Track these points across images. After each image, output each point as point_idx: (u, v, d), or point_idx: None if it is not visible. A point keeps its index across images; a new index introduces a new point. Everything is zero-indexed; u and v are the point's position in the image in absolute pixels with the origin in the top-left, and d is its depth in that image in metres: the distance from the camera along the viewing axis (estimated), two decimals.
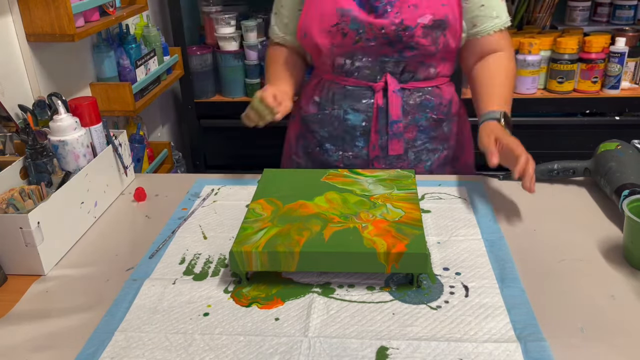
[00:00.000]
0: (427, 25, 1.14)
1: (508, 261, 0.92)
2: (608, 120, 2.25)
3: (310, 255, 0.86)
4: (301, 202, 0.99)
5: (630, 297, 0.84)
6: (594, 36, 2.19)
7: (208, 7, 2.29)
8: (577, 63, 2.19)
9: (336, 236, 0.88)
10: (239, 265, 0.87)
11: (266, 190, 1.03)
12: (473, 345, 0.75)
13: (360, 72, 1.22)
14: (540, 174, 1.18)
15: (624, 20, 2.39)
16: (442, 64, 1.24)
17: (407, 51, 1.18)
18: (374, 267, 0.85)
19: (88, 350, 0.77)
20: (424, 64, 1.21)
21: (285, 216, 0.94)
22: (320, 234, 0.89)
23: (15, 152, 1.13)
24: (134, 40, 1.75)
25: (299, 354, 0.74)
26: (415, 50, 1.18)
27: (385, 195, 1.01)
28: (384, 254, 0.84)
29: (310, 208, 0.97)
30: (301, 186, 1.05)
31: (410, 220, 0.92)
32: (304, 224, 0.92)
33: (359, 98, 1.24)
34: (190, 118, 2.33)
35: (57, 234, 0.97)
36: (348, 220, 0.93)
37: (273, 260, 0.86)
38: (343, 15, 1.16)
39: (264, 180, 1.08)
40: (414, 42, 1.16)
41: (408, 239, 0.87)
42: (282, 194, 1.02)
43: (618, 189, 1.02)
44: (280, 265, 0.87)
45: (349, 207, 0.97)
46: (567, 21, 2.48)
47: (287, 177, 1.10)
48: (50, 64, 1.44)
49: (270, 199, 1.00)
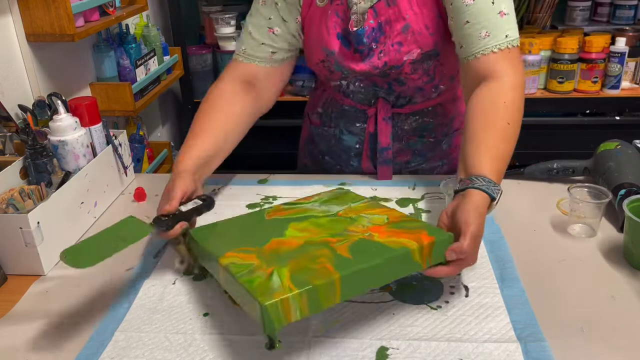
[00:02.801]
0: (416, 60, 1.06)
1: (508, 261, 0.92)
2: (608, 120, 2.25)
3: (351, 277, 0.71)
4: (275, 239, 0.82)
5: (630, 297, 0.83)
6: (594, 36, 2.19)
7: (208, 7, 2.29)
8: (577, 63, 2.19)
9: (355, 251, 0.76)
10: (274, 322, 0.65)
11: (219, 245, 0.83)
12: (473, 346, 0.74)
13: (355, 96, 1.19)
14: (540, 173, 1.18)
15: (624, 20, 2.39)
16: (443, 85, 1.15)
17: (396, 85, 1.12)
18: (411, 267, 0.77)
19: (88, 350, 0.76)
20: (423, 90, 1.14)
21: (278, 255, 0.77)
22: (338, 255, 0.75)
23: (15, 152, 1.13)
24: (134, 40, 1.75)
25: (299, 354, 0.74)
26: (404, 85, 1.12)
27: (348, 208, 0.91)
28: (417, 249, 0.76)
29: (293, 241, 0.81)
30: (253, 230, 0.89)
31: (401, 219, 0.87)
32: (309, 254, 0.76)
33: (354, 120, 1.21)
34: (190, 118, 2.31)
35: (57, 234, 0.97)
36: (345, 236, 0.81)
37: (313, 299, 0.68)
38: (328, 54, 1.09)
39: (202, 239, 0.86)
40: (402, 78, 1.10)
41: (423, 230, 0.80)
42: (243, 242, 0.82)
43: (615, 188, 1.02)
44: (321, 303, 0.69)
45: (330, 227, 0.85)
46: (567, 21, 2.48)
47: (226, 228, 0.91)
48: (50, 64, 1.44)
49: (238, 249, 0.79)
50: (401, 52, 1.05)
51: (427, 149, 1.23)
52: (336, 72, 1.12)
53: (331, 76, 1.15)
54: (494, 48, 0.95)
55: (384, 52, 1.06)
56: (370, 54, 1.07)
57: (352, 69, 1.09)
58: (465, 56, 0.99)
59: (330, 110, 1.25)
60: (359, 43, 1.06)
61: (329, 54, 1.09)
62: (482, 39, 0.96)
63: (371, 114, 1.18)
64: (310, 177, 1.25)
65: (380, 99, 1.16)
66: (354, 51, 1.08)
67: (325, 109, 1.26)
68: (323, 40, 1.08)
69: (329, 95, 1.24)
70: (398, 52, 1.05)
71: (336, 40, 1.08)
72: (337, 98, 1.22)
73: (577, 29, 2.36)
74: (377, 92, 1.16)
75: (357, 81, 1.15)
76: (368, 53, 1.07)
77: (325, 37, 1.08)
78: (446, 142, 1.24)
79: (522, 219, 1.05)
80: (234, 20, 2.19)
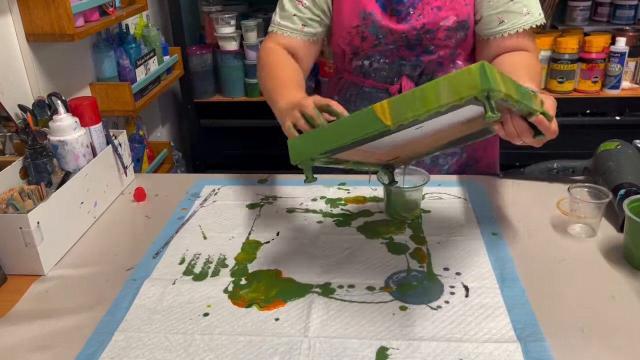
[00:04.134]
0: (451, 28, 1.11)
1: (508, 261, 0.92)
2: (608, 120, 2.24)
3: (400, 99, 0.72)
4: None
5: (630, 297, 0.83)
6: (594, 36, 2.19)
7: (208, 7, 2.29)
8: (577, 63, 2.19)
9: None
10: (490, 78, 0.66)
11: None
12: (473, 346, 0.74)
13: (378, 74, 1.20)
14: (540, 173, 1.18)
15: (624, 20, 2.39)
16: (460, 62, 1.19)
17: (425, 55, 1.15)
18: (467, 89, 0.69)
19: (88, 350, 0.76)
20: (443, 65, 1.18)
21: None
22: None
23: (15, 152, 1.13)
24: (133, 40, 1.75)
25: (299, 354, 0.74)
26: (433, 55, 1.15)
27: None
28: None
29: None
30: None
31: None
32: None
33: (375, 100, 1.21)
34: (190, 118, 2.33)
35: (57, 234, 0.97)
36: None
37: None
38: (364, 18, 1.12)
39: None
40: (433, 46, 1.13)
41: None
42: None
43: (615, 188, 1.02)
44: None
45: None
46: (567, 21, 2.47)
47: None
48: (50, 64, 1.43)
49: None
50: (439, 17, 1.10)
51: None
52: (369, 38, 1.14)
53: (362, 45, 1.15)
54: (532, 24, 1.09)
55: (423, 14, 1.10)
56: (408, 18, 1.11)
57: (389, 28, 1.12)
58: (502, 31, 1.09)
59: (348, 94, 1.26)
60: (398, 3, 1.10)
61: (366, 16, 1.12)
62: (523, 15, 1.08)
63: (394, 91, 1.20)
64: None
65: (403, 77, 1.18)
66: (391, 13, 1.12)
67: (343, 95, 1.27)
68: (361, 3, 1.12)
69: (347, 80, 1.26)
70: (437, 16, 1.09)
71: (374, 3, 1.12)
72: (357, 81, 1.24)
73: (577, 29, 2.36)
74: (403, 67, 1.18)
75: (382, 57, 1.17)
76: (405, 17, 1.11)
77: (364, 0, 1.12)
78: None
79: (522, 219, 1.05)
80: (234, 20, 2.19)
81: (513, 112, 0.81)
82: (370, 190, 1.18)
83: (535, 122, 0.81)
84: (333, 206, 1.12)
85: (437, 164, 1.26)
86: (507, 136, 0.84)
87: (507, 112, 0.82)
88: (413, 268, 0.91)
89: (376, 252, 0.96)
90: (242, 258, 0.96)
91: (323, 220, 1.07)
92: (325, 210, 1.11)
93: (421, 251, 0.96)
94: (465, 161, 1.27)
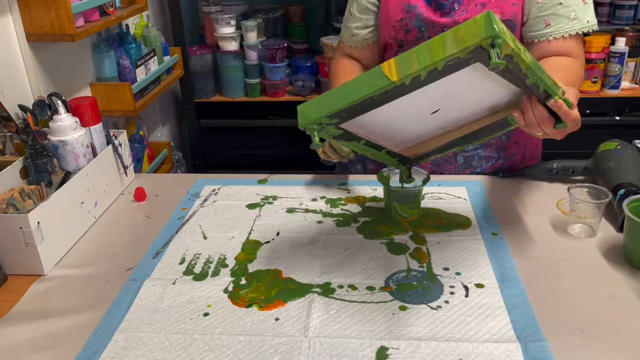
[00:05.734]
0: None
1: (508, 261, 0.92)
2: (608, 120, 2.24)
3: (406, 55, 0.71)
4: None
5: (630, 297, 0.84)
6: (594, 36, 2.19)
7: (208, 7, 2.29)
8: None
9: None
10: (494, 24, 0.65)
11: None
12: (473, 345, 0.74)
13: None
14: (540, 173, 1.18)
15: (624, 20, 2.39)
16: None
17: None
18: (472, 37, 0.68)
19: (88, 350, 0.77)
20: None
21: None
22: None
23: (15, 152, 1.13)
24: (134, 40, 1.75)
25: (299, 354, 0.74)
26: None
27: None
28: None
29: None
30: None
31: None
32: None
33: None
34: (190, 118, 2.33)
35: (57, 234, 0.97)
36: None
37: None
38: (409, 11, 1.14)
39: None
40: None
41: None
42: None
43: (615, 188, 1.02)
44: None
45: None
46: None
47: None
48: (50, 64, 1.43)
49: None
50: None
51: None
52: (412, 31, 1.15)
53: (405, 38, 1.16)
54: (578, 31, 1.09)
55: (467, 10, 1.11)
56: (452, 13, 1.12)
57: (432, 20, 1.12)
58: (547, 34, 1.09)
59: None
60: None
61: (410, 10, 1.13)
62: (570, 20, 1.08)
63: None
64: (311, 177, 1.25)
65: None
66: (436, 7, 1.13)
67: None
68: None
69: None
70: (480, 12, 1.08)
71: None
72: None
73: None
74: None
75: None
76: (450, 11, 1.12)
77: None
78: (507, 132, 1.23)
79: (522, 219, 1.05)
80: (234, 20, 2.19)
81: (533, 97, 0.80)
82: (370, 190, 1.18)
83: (554, 106, 0.79)
84: (333, 206, 1.12)
85: (471, 165, 1.24)
86: (528, 126, 0.83)
87: (526, 98, 0.81)
88: (413, 268, 0.91)
89: (376, 252, 0.96)
90: (242, 258, 0.96)
91: (323, 220, 1.07)
92: (325, 210, 1.11)
93: (421, 251, 0.96)
94: (501, 166, 1.25)
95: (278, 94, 2.29)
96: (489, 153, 1.23)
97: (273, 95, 2.29)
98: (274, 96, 2.29)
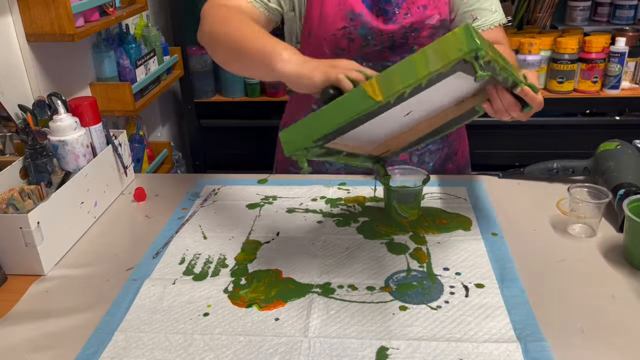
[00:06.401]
0: (435, 26, 1.12)
1: (508, 261, 0.92)
2: (608, 120, 2.25)
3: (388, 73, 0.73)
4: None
5: (630, 297, 0.83)
6: (594, 36, 2.19)
7: None
8: (577, 63, 2.19)
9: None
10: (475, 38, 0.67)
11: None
12: (473, 345, 0.74)
13: None
14: (540, 173, 1.18)
15: (624, 20, 2.39)
16: None
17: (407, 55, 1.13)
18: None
19: (88, 350, 0.76)
20: None
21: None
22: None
23: (15, 152, 1.13)
24: (133, 40, 1.75)
25: (299, 354, 0.74)
26: None
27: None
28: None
29: None
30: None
31: None
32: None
33: None
34: (190, 118, 2.33)
35: (57, 234, 0.97)
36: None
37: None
38: (352, 19, 1.09)
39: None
40: (417, 46, 1.13)
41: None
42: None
43: (615, 188, 1.02)
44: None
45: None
46: (567, 21, 2.48)
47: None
48: (50, 64, 1.43)
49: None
50: (425, 15, 1.11)
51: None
52: (357, 40, 1.12)
53: (348, 47, 1.13)
54: (500, 23, 1.15)
55: (410, 13, 1.11)
56: (394, 18, 1.11)
57: (379, 29, 1.11)
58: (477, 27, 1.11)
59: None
60: (386, 2, 1.11)
61: (354, 17, 1.10)
62: (492, 13, 1.14)
63: None
64: (310, 177, 1.25)
65: None
66: (378, 13, 1.12)
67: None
68: (347, 3, 1.10)
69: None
70: (423, 14, 1.11)
71: (361, 3, 1.11)
72: None
73: (577, 29, 2.36)
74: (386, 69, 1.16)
75: (364, 61, 1.14)
76: (392, 17, 1.11)
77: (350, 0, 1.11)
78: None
79: (522, 219, 1.05)
80: None
81: (499, 86, 0.83)
82: (370, 190, 1.18)
83: (521, 93, 0.82)
84: (333, 206, 1.12)
85: (424, 162, 1.27)
86: (496, 113, 0.86)
87: (492, 88, 0.84)
88: (413, 268, 0.91)
89: (376, 252, 0.96)
90: (242, 258, 0.96)
91: (323, 220, 1.07)
92: (325, 210, 1.11)
93: (421, 251, 0.96)
94: (446, 155, 1.29)
95: (278, 94, 2.29)
96: (436, 146, 1.27)
97: (273, 95, 2.29)
98: (274, 96, 2.29)
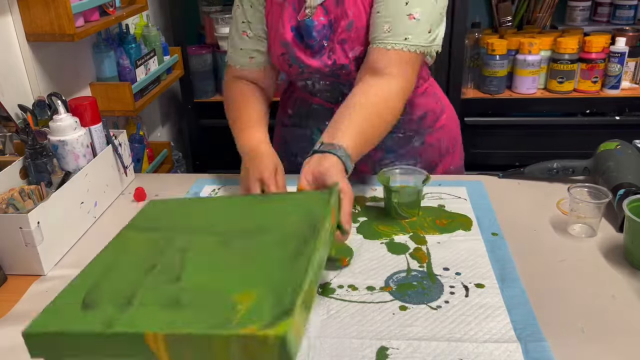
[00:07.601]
0: (360, 57, 1.07)
1: (508, 261, 0.92)
2: (608, 120, 2.25)
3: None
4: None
5: (631, 297, 0.83)
6: (594, 36, 2.19)
7: (208, 6, 2.29)
8: (577, 63, 2.19)
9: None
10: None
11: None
12: (473, 346, 0.74)
13: (322, 94, 1.19)
14: (540, 173, 1.18)
15: (624, 20, 2.39)
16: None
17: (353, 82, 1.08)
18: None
19: None
20: None
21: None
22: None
23: (15, 152, 1.13)
24: (133, 40, 1.75)
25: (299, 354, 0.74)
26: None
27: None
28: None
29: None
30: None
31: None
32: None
33: (323, 119, 1.16)
34: (190, 118, 2.33)
35: (57, 234, 0.97)
36: None
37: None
38: (286, 47, 1.11)
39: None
40: (352, 78, 1.09)
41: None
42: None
43: (615, 188, 1.02)
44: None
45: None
46: (567, 21, 2.48)
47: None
48: (50, 64, 1.43)
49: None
50: (345, 50, 1.07)
51: (398, 145, 1.23)
52: (294, 66, 1.13)
53: (290, 71, 1.15)
54: (389, 46, 0.99)
55: (332, 50, 1.08)
56: (321, 52, 1.09)
57: (305, 64, 1.11)
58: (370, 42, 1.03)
59: (300, 110, 1.26)
60: (309, 37, 1.08)
61: (286, 46, 1.11)
62: (384, 32, 1.00)
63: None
64: None
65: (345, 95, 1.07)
66: (306, 46, 1.10)
67: (296, 109, 1.27)
68: (279, 32, 1.10)
69: (298, 95, 1.26)
70: (342, 50, 1.07)
71: (290, 33, 1.10)
72: (305, 97, 1.23)
73: (577, 29, 2.36)
74: (342, 87, 1.15)
75: (321, 80, 1.16)
76: (319, 50, 1.09)
77: (281, 29, 1.10)
78: (418, 139, 1.24)
79: (522, 219, 1.05)
80: None
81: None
82: (370, 190, 1.18)
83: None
84: None
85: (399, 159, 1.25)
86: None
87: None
88: (413, 268, 0.91)
89: (376, 252, 0.96)
90: None
91: None
92: None
93: (421, 251, 0.96)
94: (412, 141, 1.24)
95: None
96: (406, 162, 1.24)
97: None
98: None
